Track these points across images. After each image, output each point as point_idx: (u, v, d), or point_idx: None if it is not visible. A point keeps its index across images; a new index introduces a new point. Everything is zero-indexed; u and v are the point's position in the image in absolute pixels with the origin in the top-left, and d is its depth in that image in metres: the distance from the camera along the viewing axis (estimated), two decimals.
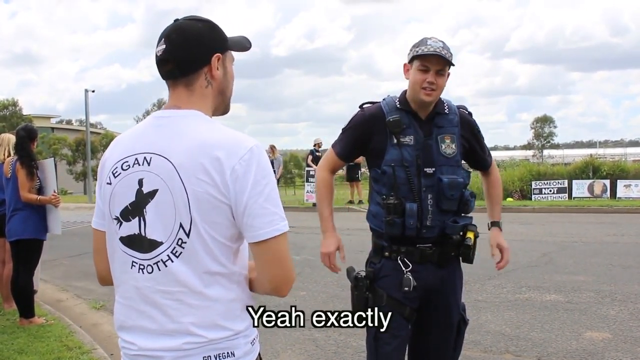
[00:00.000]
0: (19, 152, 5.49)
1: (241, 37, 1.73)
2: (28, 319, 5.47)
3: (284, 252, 1.54)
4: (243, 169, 1.48)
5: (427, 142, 2.65)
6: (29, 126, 5.77)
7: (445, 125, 2.69)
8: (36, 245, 5.49)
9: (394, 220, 2.58)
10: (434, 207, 2.62)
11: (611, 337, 4.85)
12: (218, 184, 1.47)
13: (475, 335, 4.87)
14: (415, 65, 2.61)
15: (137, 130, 1.64)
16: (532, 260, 8.18)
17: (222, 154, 1.47)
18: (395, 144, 2.62)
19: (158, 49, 1.59)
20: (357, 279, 2.70)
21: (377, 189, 2.68)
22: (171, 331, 1.52)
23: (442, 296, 2.72)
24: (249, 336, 1.60)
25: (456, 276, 2.79)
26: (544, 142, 67.99)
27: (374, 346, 2.67)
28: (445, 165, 2.65)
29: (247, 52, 1.74)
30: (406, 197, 2.59)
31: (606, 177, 19.34)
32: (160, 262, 1.52)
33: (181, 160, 1.49)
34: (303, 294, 6.58)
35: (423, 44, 2.59)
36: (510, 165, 24.53)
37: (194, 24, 1.60)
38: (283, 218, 1.54)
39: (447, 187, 2.61)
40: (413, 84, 2.62)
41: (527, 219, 13.48)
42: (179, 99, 1.60)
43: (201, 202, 1.48)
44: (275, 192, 1.54)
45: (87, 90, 27.75)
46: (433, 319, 2.73)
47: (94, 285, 7.49)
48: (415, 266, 2.63)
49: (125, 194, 1.56)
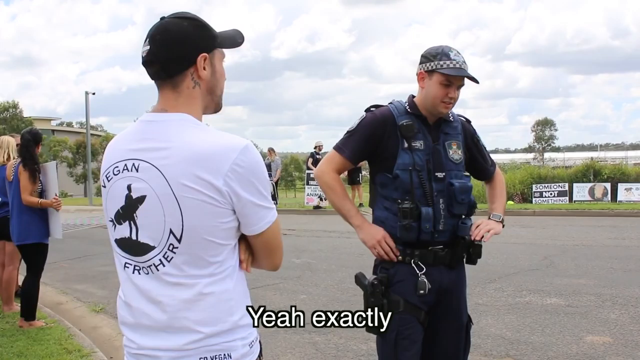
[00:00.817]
0: (23, 155, 5.51)
1: (233, 32, 1.70)
2: (28, 322, 5.47)
3: (277, 238, 1.65)
4: (235, 174, 1.48)
5: (436, 148, 2.66)
6: (35, 130, 5.78)
7: (451, 133, 2.72)
8: (40, 248, 5.53)
9: (411, 224, 2.56)
10: (445, 212, 2.63)
11: (612, 341, 4.84)
12: (210, 190, 1.47)
13: (475, 338, 4.84)
14: (437, 78, 2.59)
15: (127, 135, 1.63)
16: (532, 264, 8.17)
17: (212, 161, 1.47)
18: (406, 148, 2.61)
19: (143, 50, 1.58)
20: (374, 285, 2.60)
21: (386, 194, 2.65)
22: (168, 328, 1.53)
23: (453, 297, 2.72)
24: (247, 338, 1.60)
25: (463, 276, 2.80)
26: (545, 145, 68.03)
27: (392, 353, 2.62)
28: (454, 170, 2.68)
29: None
30: (420, 201, 2.59)
31: (607, 181, 19.36)
32: (152, 265, 1.54)
33: (170, 169, 1.48)
34: (303, 297, 6.57)
35: (446, 57, 2.57)
36: (511, 168, 24.55)
37: (179, 23, 1.57)
38: (272, 207, 1.60)
39: (458, 191, 2.63)
40: (433, 98, 2.61)
41: (527, 222, 13.47)
42: (167, 101, 1.59)
43: (193, 209, 1.48)
44: (265, 187, 1.57)
45: (88, 92, 27.78)
46: (445, 320, 2.72)
47: (94, 288, 7.50)
48: (429, 269, 2.62)
49: (117, 198, 1.58)
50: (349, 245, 9.94)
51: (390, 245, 2.61)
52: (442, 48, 2.62)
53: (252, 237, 1.60)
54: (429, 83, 2.62)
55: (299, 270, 8.12)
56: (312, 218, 14.98)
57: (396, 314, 2.57)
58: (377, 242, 2.62)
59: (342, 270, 8.01)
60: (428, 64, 2.62)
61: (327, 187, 2.78)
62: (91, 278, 8.11)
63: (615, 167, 21.44)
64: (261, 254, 1.64)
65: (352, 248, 9.49)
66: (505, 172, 23.20)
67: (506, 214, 2.92)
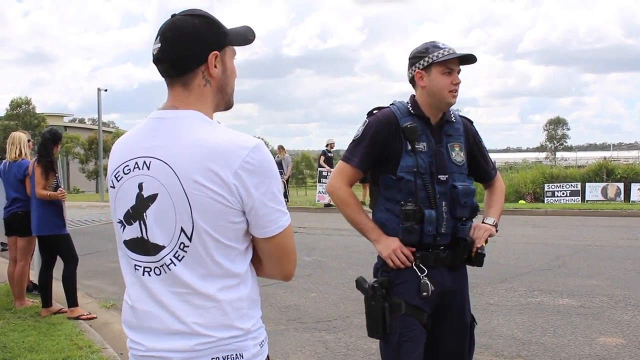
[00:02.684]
0: (40, 152, 5.81)
1: (244, 28, 1.68)
2: (70, 308, 5.79)
3: (289, 244, 1.60)
4: (245, 171, 1.46)
5: (439, 150, 2.64)
6: (55, 130, 6.08)
7: (454, 134, 2.70)
8: (55, 240, 5.79)
9: (413, 227, 2.54)
10: (447, 214, 2.61)
11: (625, 342, 4.79)
12: (221, 187, 1.45)
13: (486, 339, 4.83)
14: (438, 70, 2.59)
15: (137, 133, 1.61)
16: (544, 264, 8.11)
17: (223, 157, 1.45)
18: (410, 151, 2.59)
19: (154, 47, 1.57)
20: (375, 288, 2.58)
21: (389, 195, 2.62)
22: (179, 332, 1.51)
23: (457, 297, 2.71)
24: (258, 338, 1.59)
25: (465, 276, 2.78)
26: (557, 144, 67.66)
27: (396, 356, 2.59)
28: (456, 173, 2.65)
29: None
30: (423, 203, 2.56)
31: (620, 180, 19.19)
32: (164, 265, 1.52)
33: (181, 165, 1.47)
34: (314, 295, 6.57)
35: (437, 49, 2.59)
36: (522, 168, 24.40)
37: (190, 20, 1.55)
38: (285, 212, 1.57)
39: (462, 194, 2.61)
40: (439, 90, 2.60)
41: (539, 222, 13.38)
42: (177, 99, 1.57)
43: (203, 206, 1.47)
44: (278, 189, 1.55)
45: (100, 89, 27.87)
46: (449, 321, 2.70)
47: (105, 284, 7.54)
48: (430, 270, 2.59)
49: (127, 198, 1.56)
50: (360, 243, 9.91)
51: (405, 253, 2.57)
52: (429, 43, 2.65)
53: (262, 241, 1.56)
54: (430, 78, 2.61)
55: (310, 268, 8.11)
56: (323, 216, 14.94)
57: (398, 317, 2.56)
58: (393, 251, 2.57)
59: (352, 268, 8.00)
60: (422, 61, 2.62)
61: (340, 202, 2.73)
62: (102, 274, 8.15)
63: (628, 166, 21.24)
64: (271, 259, 1.60)
65: (363, 246, 9.46)
66: (517, 171, 23.10)
67: (517, 213, 2.92)
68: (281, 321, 5.63)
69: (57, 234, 5.77)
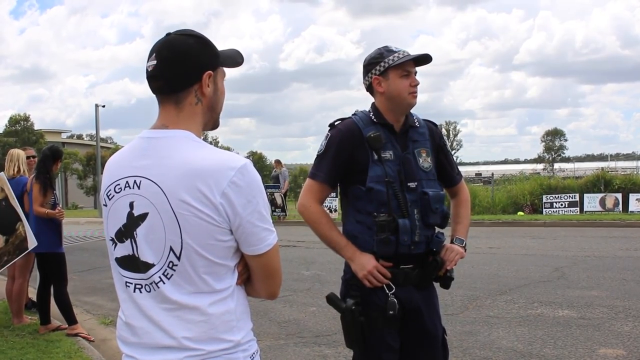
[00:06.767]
0: (39, 168, 5.79)
1: (233, 51, 1.72)
2: (71, 326, 5.70)
3: (276, 262, 1.63)
4: (233, 191, 1.48)
5: (406, 157, 2.60)
6: (55, 147, 6.03)
7: (419, 139, 2.67)
8: (52, 258, 5.70)
9: (389, 238, 2.49)
10: (420, 222, 2.57)
11: (625, 353, 4.77)
12: (207, 207, 1.47)
13: (486, 351, 4.82)
14: (395, 73, 2.59)
15: (128, 152, 1.63)
16: (543, 275, 8.10)
17: (210, 177, 1.47)
18: (377, 160, 2.55)
19: (149, 64, 1.59)
20: (353, 311, 2.52)
21: (360, 207, 2.58)
22: (169, 346, 1.53)
23: (424, 314, 2.65)
24: (248, 350, 1.61)
25: (433, 293, 2.74)
26: (555, 155, 67.91)
27: None
28: (425, 179, 2.62)
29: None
30: (395, 213, 2.52)
31: (618, 191, 19.20)
32: (153, 283, 1.54)
33: (169, 185, 1.49)
34: (313, 309, 6.54)
35: (391, 53, 2.60)
36: (520, 179, 24.36)
37: (185, 40, 1.59)
38: (272, 231, 1.59)
39: (433, 200, 2.57)
40: (399, 93, 2.59)
41: (538, 233, 13.39)
42: (168, 117, 1.60)
43: (191, 226, 1.49)
44: (265, 208, 1.57)
45: (98, 105, 27.95)
46: (420, 336, 2.65)
47: (103, 301, 7.50)
48: (398, 289, 2.56)
49: (118, 216, 1.58)
50: None
51: (382, 272, 2.54)
52: (382, 48, 2.64)
53: (250, 258, 1.59)
54: (388, 83, 2.60)
55: (309, 282, 8.09)
56: None
57: (377, 330, 2.55)
58: (369, 273, 2.52)
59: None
60: (379, 67, 2.61)
61: (312, 222, 2.67)
62: (100, 290, 8.12)
63: (626, 177, 21.29)
64: (258, 277, 1.63)
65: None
66: (515, 183, 23.10)
67: (516, 225, 2.91)
68: (281, 336, 5.61)
69: (53, 252, 5.72)
